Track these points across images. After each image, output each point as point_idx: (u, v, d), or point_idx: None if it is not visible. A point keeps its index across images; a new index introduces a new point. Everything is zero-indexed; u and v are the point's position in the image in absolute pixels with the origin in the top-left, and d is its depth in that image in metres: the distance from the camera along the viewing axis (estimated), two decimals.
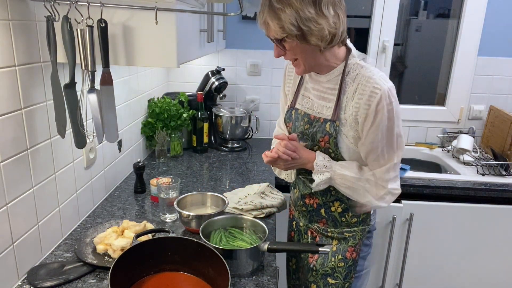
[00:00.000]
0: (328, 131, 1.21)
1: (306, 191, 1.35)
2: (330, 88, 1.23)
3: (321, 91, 1.26)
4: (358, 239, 1.32)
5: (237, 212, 1.50)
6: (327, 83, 1.24)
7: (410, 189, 1.95)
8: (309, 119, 1.27)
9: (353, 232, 1.32)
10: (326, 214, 1.33)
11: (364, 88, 1.14)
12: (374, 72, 1.16)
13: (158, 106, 2.06)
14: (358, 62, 1.19)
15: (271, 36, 1.15)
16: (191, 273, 1.11)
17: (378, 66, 2.42)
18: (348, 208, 1.30)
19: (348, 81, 1.19)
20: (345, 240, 1.32)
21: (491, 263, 2.06)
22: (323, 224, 1.35)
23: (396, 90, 1.17)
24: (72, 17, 1.06)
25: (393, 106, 1.14)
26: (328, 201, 1.31)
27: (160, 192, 1.47)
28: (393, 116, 1.14)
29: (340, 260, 1.32)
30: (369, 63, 1.21)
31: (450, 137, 2.47)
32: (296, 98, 1.34)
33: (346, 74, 1.19)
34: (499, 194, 1.94)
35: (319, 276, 1.34)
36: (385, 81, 1.14)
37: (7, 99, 1.03)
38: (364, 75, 1.15)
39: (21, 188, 1.11)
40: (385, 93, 1.12)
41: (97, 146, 1.54)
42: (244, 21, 2.38)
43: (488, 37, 2.35)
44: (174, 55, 1.14)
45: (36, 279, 1.11)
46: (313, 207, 1.35)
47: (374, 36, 2.40)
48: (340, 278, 1.32)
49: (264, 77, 2.47)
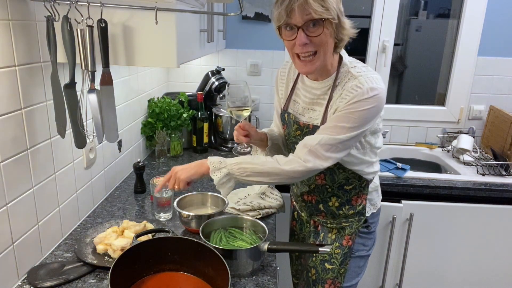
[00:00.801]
0: None
1: (303, 189, 1.40)
2: (320, 95, 1.25)
3: (311, 98, 1.28)
4: (354, 228, 1.37)
5: (234, 212, 1.50)
6: (319, 90, 1.25)
7: (410, 189, 1.95)
8: (299, 126, 1.30)
9: (350, 222, 1.37)
10: (324, 208, 1.38)
11: (348, 89, 1.14)
12: (363, 74, 1.15)
13: (158, 106, 2.06)
14: (349, 70, 1.19)
15: (305, 18, 1.08)
16: (191, 273, 1.11)
17: (378, 66, 2.42)
18: (345, 202, 1.35)
19: (338, 89, 1.20)
20: (343, 229, 1.38)
21: (491, 263, 2.06)
22: (323, 217, 1.40)
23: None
24: (72, 17, 1.06)
25: (365, 106, 1.11)
26: (325, 197, 1.36)
27: (154, 191, 1.47)
28: (359, 107, 1.11)
29: (337, 247, 1.38)
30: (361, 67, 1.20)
31: (450, 137, 2.47)
32: (288, 103, 1.37)
33: (337, 82, 1.21)
34: (499, 194, 1.94)
35: (318, 261, 1.41)
36: (371, 82, 1.12)
37: (7, 99, 1.03)
38: (352, 82, 1.15)
39: (21, 188, 1.11)
40: (364, 90, 1.11)
41: (97, 146, 1.54)
42: (244, 21, 2.38)
43: (488, 37, 2.35)
44: (174, 55, 1.14)
45: (36, 279, 1.11)
46: (312, 203, 1.40)
47: (374, 36, 2.40)
48: (336, 263, 1.38)
49: (264, 77, 2.47)
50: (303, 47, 1.12)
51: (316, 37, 1.11)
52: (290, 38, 1.13)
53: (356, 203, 1.35)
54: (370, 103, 1.11)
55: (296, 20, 1.09)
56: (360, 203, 1.36)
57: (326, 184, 1.33)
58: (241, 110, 1.34)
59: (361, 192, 1.34)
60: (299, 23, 1.09)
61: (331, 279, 1.39)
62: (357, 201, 1.35)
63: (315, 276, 1.41)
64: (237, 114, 1.35)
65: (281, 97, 1.42)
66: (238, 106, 1.34)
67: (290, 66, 1.39)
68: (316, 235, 1.44)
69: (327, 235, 1.41)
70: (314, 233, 1.45)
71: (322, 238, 1.41)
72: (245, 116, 1.35)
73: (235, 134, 1.34)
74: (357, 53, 1.29)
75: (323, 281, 1.39)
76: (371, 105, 1.11)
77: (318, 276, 1.40)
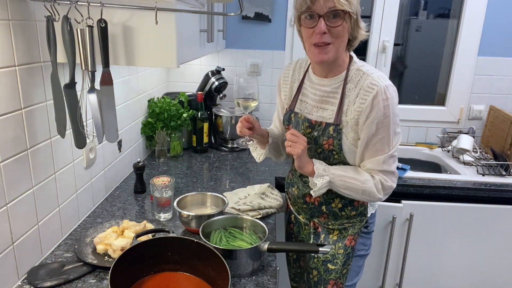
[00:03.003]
0: (332, 134, 1.25)
1: (306, 190, 1.38)
2: (331, 93, 1.27)
3: (320, 96, 1.30)
4: (357, 229, 1.38)
5: (234, 212, 1.50)
6: (328, 87, 1.28)
7: (410, 189, 1.95)
8: (310, 124, 1.31)
9: (352, 223, 1.38)
10: (327, 210, 1.38)
11: (365, 89, 1.19)
12: (373, 72, 1.22)
13: (158, 106, 2.06)
14: (360, 68, 1.24)
15: (327, 7, 1.12)
16: (191, 273, 1.11)
17: (378, 66, 2.42)
18: (348, 203, 1.35)
19: (351, 87, 1.24)
20: (345, 230, 1.38)
21: (491, 263, 2.06)
22: (324, 218, 1.40)
23: (396, 90, 1.19)
24: (72, 17, 1.06)
25: (389, 103, 1.17)
26: (329, 198, 1.36)
27: (154, 191, 1.47)
28: (389, 112, 1.17)
29: (340, 248, 1.38)
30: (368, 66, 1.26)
31: (450, 137, 2.47)
32: (295, 103, 1.38)
33: (348, 80, 1.24)
34: (499, 194, 1.94)
35: (320, 262, 1.40)
36: (383, 79, 1.19)
37: (7, 99, 1.03)
38: (366, 79, 1.20)
39: (21, 188, 1.11)
40: (381, 89, 1.16)
41: (97, 146, 1.54)
42: (244, 21, 2.38)
43: (488, 37, 2.35)
44: (174, 55, 1.14)
45: (36, 279, 1.11)
46: (314, 205, 1.40)
47: (374, 36, 2.40)
48: (339, 264, 1.38)
49: (264, 77, 2.47)
50: (321, 36, 1.15)
51: (335, 27, 1.14)
52: (309, 26, 1.16)
53: (358, 204, 1.36)
54: (392, 99, 1.18)
55: (319, 8, 1.13)
56: (362, 203, 1.36)
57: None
58: (249, 101, 1.35)
59: None
60: (321, 12, 1.13)
61: (333, 280, 1.38)
62: (359, 202, 1.36)
63: (317, 277, 1.41)
64: (244, 105, 1.36)
65: (285, 98, 1.43)
66: (245, 97, 1.35)
67: (294, 67, 1.41)
68: (317, 237, 1.43)
69: (328, 236, 1.40)
70: (314, 234, 1.44)
71: (323, 239, 1.41)
72: (252, 108, 1.36)
73: (239, 126, 1.34)
74: (357, 53, 1.30)
75: (326, 281, 1.39)
76: (395, 100, 1.19)
77: (321, 277, 1.40)
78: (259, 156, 1.47)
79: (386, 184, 1.24)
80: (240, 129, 1.35)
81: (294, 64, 1.42)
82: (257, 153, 1.48)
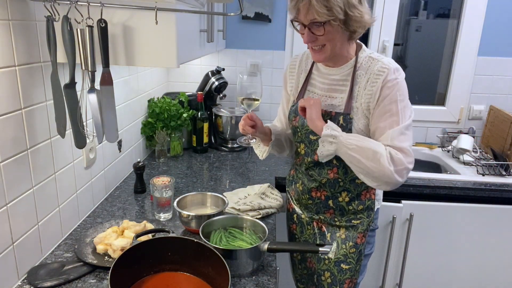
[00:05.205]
0: (342, 124, 1.26)
1: (312, 185, 1.37)
2: (340, 80, 1.29)
3: (329, 84, 1.31)
4: (366, 225, 1.37)
5: (234, 212, 1.50)
6: (337, 76, 1.30)
7: (410, 189, 1.95)
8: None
9: (361, 219, 1.37)
10: (334, 204, 1.37)
11: (375, 73, 1.22)
12: (383, 57, 1.26)
13: (158, 106, 2.06)
14: (370, 55, 1.27)
15: (309, 19, 1.15)
16: (191, 273, 1.11)
17: None
18: (355, 197, 1.35)
19: (361, 73, 1.26)
20: (353, 228, 1.37)
21: (491, 263, 2.06)
22: (330, 214, 1.39)
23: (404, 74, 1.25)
24: (72, 17, 1.06)
25: (399, 82, 1.21)
26: (336, 192, 1.35)
27: (154, 191, 1.47)
28: (399, 90, 1.20)
29: (352, 247, 1.37)
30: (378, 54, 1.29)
31: (450, 137, 2.47)
32: (302, 94, 1.38)
33: (358, 67, 1.26)
34: (499, 194, 1.94)
35: (332, 264, 1.39)
36: (393, 63, 1.24)
37: (7, 99, 1.03)
38: (376, 64, 1.23)
39: (21, 188, 1.11)
40: (391, 70, 1.20)
41: (97, 146, 1.54)
42: (244, 21, 2.38)
43: (488, 37, 2.35)
44: (174, 55, 1.14)
45: (36, 279, 1.11)
46: (320, 199, 1.38)
47: (374, 36, 2.40)
48: (353, 262, 1.38)
49: (264, 77, 2.47)
50: (311, 42, 1.21)
51: (321, 36, 1.18)
52: (300, 32, 1.22)
53: (365, 198, 1.35)
54: (402, 79, 1.22)
55: (302, 18, 1.17)
56: (369, 197, 1.36)
57: (339, 177, 1.32)
58: (252, 100, 1.36)
59: (369, 186, 1.33)
60: (305, 22, 1.17)
61: (349, 278, 1.38)
62: (366, 196, 1.35)
63: (331, 278, 1.39)
64: (248, 103, 1.37)
65: (291, 90, 1.43)
66: (249, 96, 1.35)
67: (301, 58, 1.42)
68: (322, 236, 1.41)
69: (334, 235, 1.39)
70: (319, 234, 1.42)
71: (330, 238, 1.39)
72: (255, 105, 1.37)
73: (242, 124, 1.34)
74: None
75: (342, 282, 1.38)
76: (404, 82, 1.23)
77: (335, 278, 1.39)
78: (262, 153, 1.47)
79: (395, 156, 1.16)
80: (242, 127, 1.35)
81: (301, 56, 1.43)
82: (260, 150, 1.48)
